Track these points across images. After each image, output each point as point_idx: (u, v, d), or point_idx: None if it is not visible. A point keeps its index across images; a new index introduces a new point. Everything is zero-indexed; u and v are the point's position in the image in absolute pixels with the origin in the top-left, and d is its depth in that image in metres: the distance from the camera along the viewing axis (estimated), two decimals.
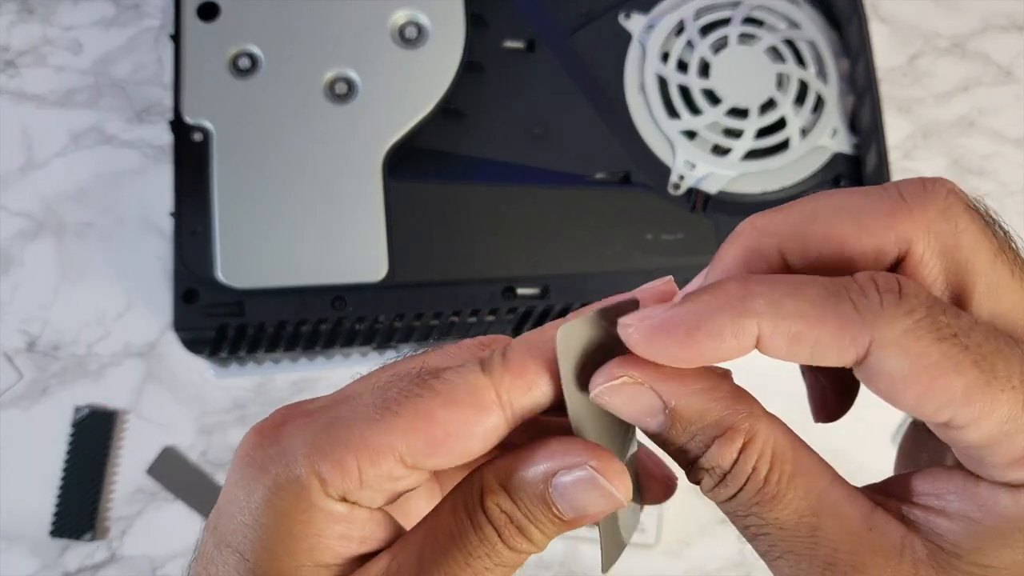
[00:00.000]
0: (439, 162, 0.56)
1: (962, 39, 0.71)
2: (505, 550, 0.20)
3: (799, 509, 0.19)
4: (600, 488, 0.20)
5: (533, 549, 0.21)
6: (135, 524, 0.59)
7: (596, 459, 0.20)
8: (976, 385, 0.17)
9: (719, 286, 0.19)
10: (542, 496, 0.20)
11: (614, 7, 0.60)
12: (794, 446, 0.20)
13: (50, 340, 0.61)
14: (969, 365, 0.17)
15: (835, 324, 0.18)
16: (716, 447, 0.19)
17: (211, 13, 0.55)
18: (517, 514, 0.20)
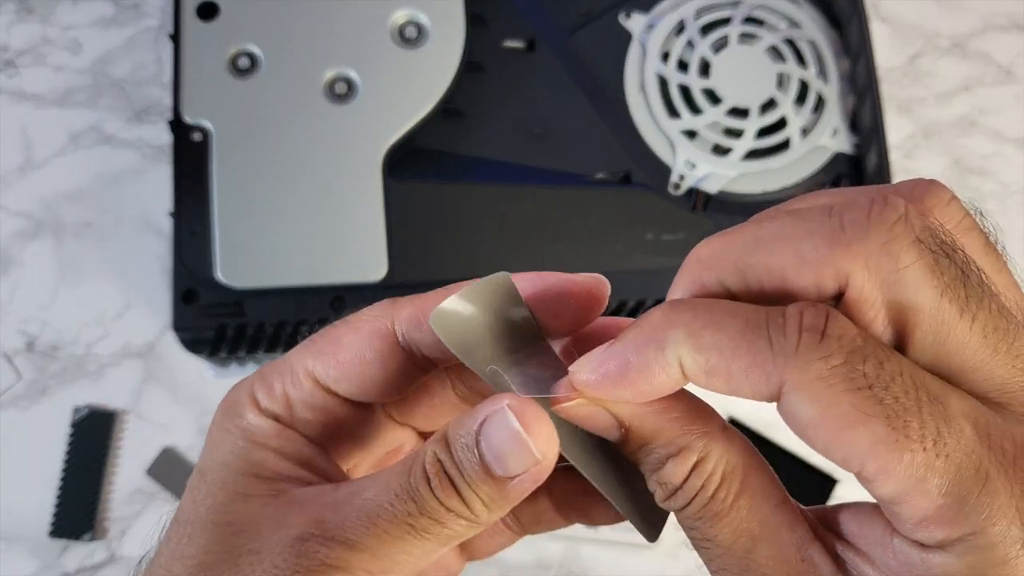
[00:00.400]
0: (439, 162, 0.56)
1: (963, 39, 0.71)
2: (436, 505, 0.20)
3: (739, 529, 0.20)
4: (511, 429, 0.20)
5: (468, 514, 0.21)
6: (134, 525, 0.59)
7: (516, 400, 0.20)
8: (884, 441, 0.17)
9: (645, 319, 0.19)
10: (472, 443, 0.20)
11: (614, 7, 0.60)
12: (747, 467, 0.20)
13: (49, 340, 0.61)
14: (880, 420, 0.17)
15: (748, 360, 0.18)
16: (670, 464, 0.20)
17: (210, 13, 0.55)
18: (450, 464, 0.20)
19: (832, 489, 0.61)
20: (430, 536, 0.21)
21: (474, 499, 0.21)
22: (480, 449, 0.20)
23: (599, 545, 0.60)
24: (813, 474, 0.61)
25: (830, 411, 0.17)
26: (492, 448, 0.20)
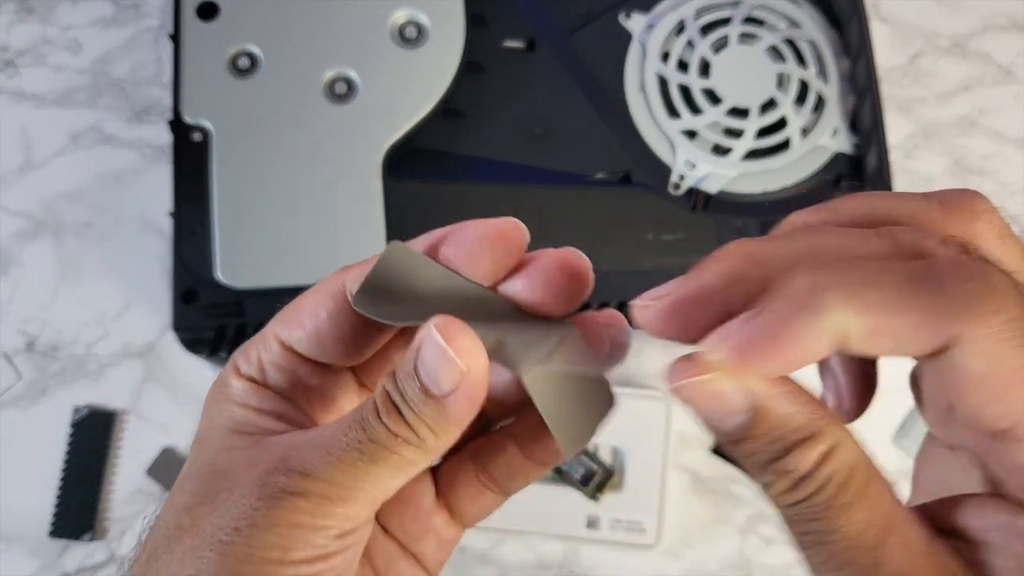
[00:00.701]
0: (439, 162, 0.56)
1: (963, 39, 0.71)
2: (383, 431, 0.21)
3: (868, 521, 0.19)
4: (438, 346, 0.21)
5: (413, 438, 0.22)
6: (135, 524, 0.59)
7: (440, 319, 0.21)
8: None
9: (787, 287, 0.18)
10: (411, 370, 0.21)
11: (614, 7, 0.60)
12: (868, 461, 0.19)
13: (49, 340, 0.61)
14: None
15: (918, 317, 0.17)
16: (798, 451, 0.19)
17: (210, 13, 0.55)
18: (394, 390, 0.22)
19: None
20: (381, 462, 0.22)
21: (418, 423, 0.21)
22: (418, 373, 0.21)
23: (599, 545, 0.60)
24: None
25: (1000, 367, 0.17)
26: (427, 370, 0.21)
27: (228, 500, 0.22)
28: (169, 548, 0.22)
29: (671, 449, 0.61)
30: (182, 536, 0.22)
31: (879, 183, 0.57)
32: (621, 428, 0.59)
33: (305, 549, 0.21)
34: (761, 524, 0.61)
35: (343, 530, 0.22)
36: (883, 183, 0.57)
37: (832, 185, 0.58)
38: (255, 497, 0.21)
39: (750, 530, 0.61)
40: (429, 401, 0.21)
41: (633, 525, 0.59)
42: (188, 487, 0.23)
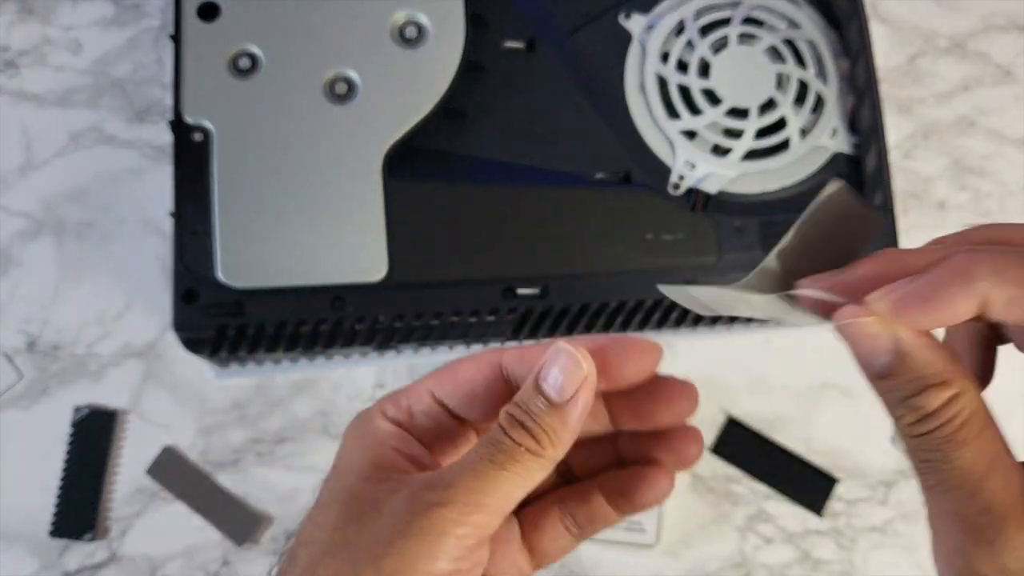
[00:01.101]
0: (439, 162, 0.56)
1: (962, 39, 0.71)
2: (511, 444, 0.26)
3: (978, 457, 0.23)
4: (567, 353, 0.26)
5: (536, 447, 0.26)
6: (135, 524, 0.59)
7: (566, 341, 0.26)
8: None
9: (949, 260, 0.23)
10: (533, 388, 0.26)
11: (614, 7, 0.60)
12: (987, 412, 0.23)
13: (50, 340, 0.61)
14: None
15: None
16: (929, 392, 0.23)
17: (211, 13, 0.55)
18: (518, 411, 0.26)
19: (832, 488, 0.61)
20: (508, 470, 0.26)
21: (540, 432, 0.26)
22: (541, 387, 0.26)
23: (599, 545, 0.60)
24: (813, 474, 0.61)
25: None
26: (552, 380, 0.26)
27: (377, 520, 0.25)
28: (323, 562, 0.26)
29: None
30: (336, 552, 0.25)
31: (878, 183, 0.57)
32: None
33: (447, 558, 0.25)
34: (760, 523, 0.61)
35: (477, 540, 0.26)
36: (882, 183, 0.57)
37: None
38: (404, 513, 0.25)
39: (749, 529, 0.61)
40: (551, 410, 0.26)
41: (633, 524, 0.59)
42: (333, 510, 0.27)
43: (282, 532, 0.59)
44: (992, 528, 0.22)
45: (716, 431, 0.62)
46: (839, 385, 0.63)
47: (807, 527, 0.61)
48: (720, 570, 0.61)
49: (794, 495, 0.61)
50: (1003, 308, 0.22)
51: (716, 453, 0.62)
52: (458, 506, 0.25)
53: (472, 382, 0.29)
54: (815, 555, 0.61)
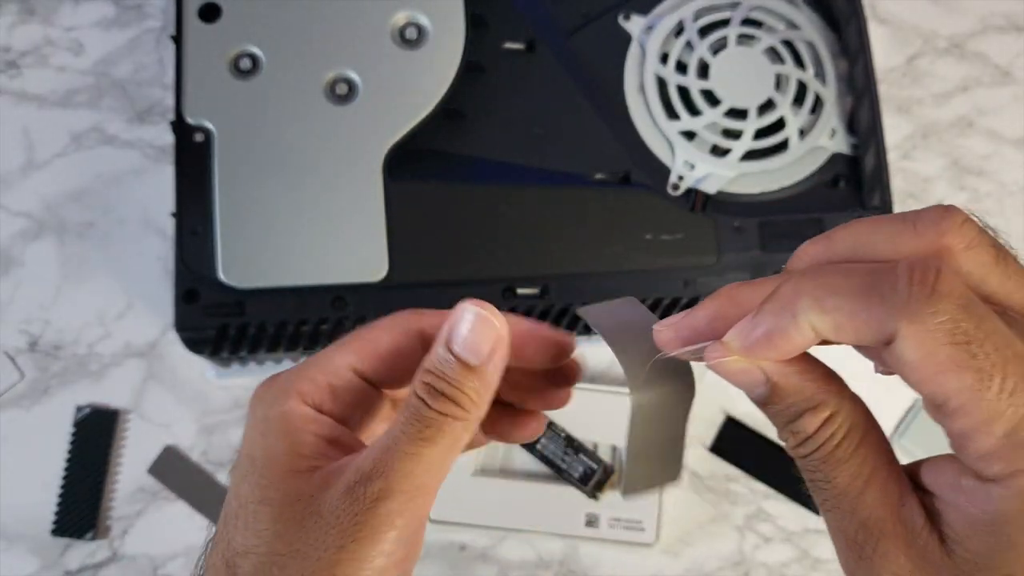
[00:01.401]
0: (439, 162, 0.56)
1: (961, 39, 0.71)
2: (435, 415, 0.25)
3: (855, 474, 0.23)
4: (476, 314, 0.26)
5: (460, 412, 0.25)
6: (136, 523, 0.59)
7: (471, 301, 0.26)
8: (969, 388, 0.20)
9: (778, 291, 0.23)
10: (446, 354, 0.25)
11: (613, 8, 0.60)
12: (866, 426, 0.24)
13: (51, 340, 0.62)
14: (970, 371, 0.20)
15: (867, 316, 0.21)
16: (806, 416, 0.24)
17: (212, 14, 0.55)
18: (434, 379, 0.25)
19: None
20: (436, 440, 0.25)
21: (461, 395, 0.25)
22: (454, 352, 0.25)
23: (599, 544, 0.60)
24: None
25: (931, 358, 0.21)
26: (465, 344, 0.25)
27: (319, 523, 0.25)
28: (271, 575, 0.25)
29: None
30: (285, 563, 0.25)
31: (877, 183, 0.58)
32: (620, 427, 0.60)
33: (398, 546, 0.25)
34: (759, 523, 0.61)
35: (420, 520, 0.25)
36: (881, 183, 0.58)
37: (830, 186, 0.59)
38: (348, 514, 0.24)
39: (748, 528, 0.61)
40: (469, 373, 0.25)
41: (632, 524, 0.59)
42: (265, 513, 0.25)
43: None
44: (869, 544, 0.23)
45: (715, 431, 0.62)
46: None
47: (806, 526, 0.61)
48: (719, 569, 0.61)
49: (793, 494, 0.61)
50: (833, 335, 0.22)
51: (715, 452, 0.62)
52: (399, 496, 0.24)
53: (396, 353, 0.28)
54: (814, 554, 0.61)
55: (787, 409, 0.24)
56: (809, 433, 0.24)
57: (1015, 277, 0.23)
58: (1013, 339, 0.21)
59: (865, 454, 0.23)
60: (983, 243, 0.23)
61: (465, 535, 0.60)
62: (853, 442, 0.23)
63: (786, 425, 0.24)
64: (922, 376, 0.21)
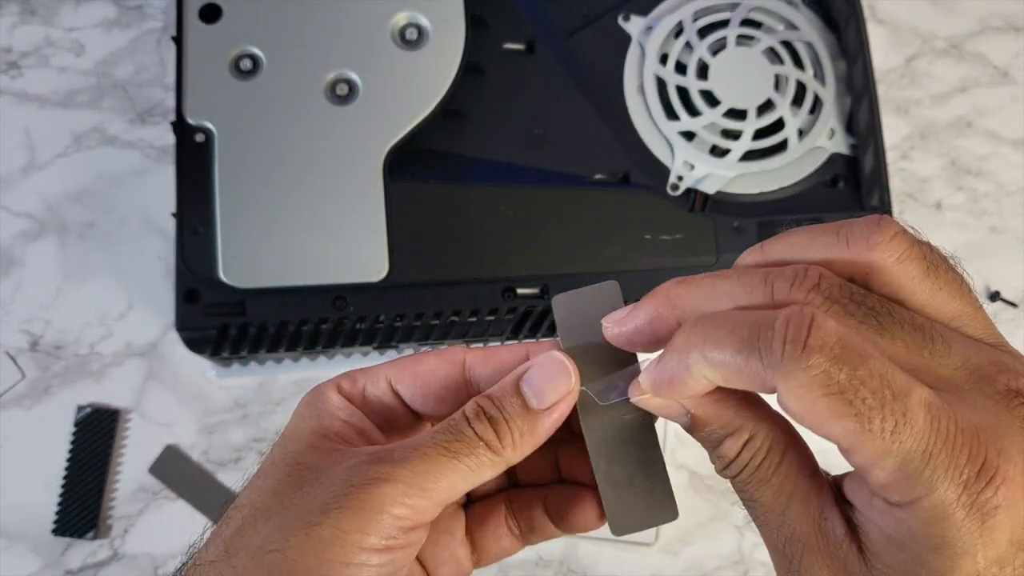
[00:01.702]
0: (439, 162, 0.57)
1: (959, 40, 0.71)
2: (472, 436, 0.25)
3: (778, 492, 0.24)
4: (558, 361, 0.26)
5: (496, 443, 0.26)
6: (137, 523, 0.59)
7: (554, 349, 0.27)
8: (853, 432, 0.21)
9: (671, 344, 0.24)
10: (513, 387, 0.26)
11: (613, 9, 0.60)
12: (787, 444, 0.25)
13: (52, 340, 0.62)
14: (850, 418, 0.21)
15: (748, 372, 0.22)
16: (727, 442, 0.25)
17: (213, 15, 0.55)
18: (489, 405, 0.26)
19: None
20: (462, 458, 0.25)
21: (505, 430, 0.26)
22: (521, 388, 0.26)
23: (598, 543, 0.60)
24: None
25: (811, 409, 0.21)
26: (533, 385, 0.26)
27: (316, 487, 0.25)
28: (255, 525, 0.25)
29: (668, 447, 0.61)
30: (270, 516, 0.25)
31: (876, 184, 0.58)
32: None
33: (380, 535, 0.24)
34: None
35: (414, 523, 0.25)
36: (880, 184, 0.58)
37: (829, 186, 0.59)
38: (343, 483, 0.24)
39: (747, 527, 0.61)
40: (524, 414, 0.26)
41: None
42: (273, 474, 0.26)
43: None
44: (795, 557, 0.24)
45: None
46: None
47: None
48: (718, 568, 0.61)
49: None
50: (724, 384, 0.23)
51: None
52: (400, 486, 0.24)
53: (431, 376, 0.29)
54: None
55: (709, 436, 0.25)
56: (731, 457, 0.25)
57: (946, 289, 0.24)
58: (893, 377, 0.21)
59: (786, 472, 0.24)
60: (913, 257, 0.24)
61: None
62: (773, 462, 0.24)
63: (712, 450, 0.26)
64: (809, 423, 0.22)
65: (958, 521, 0.21)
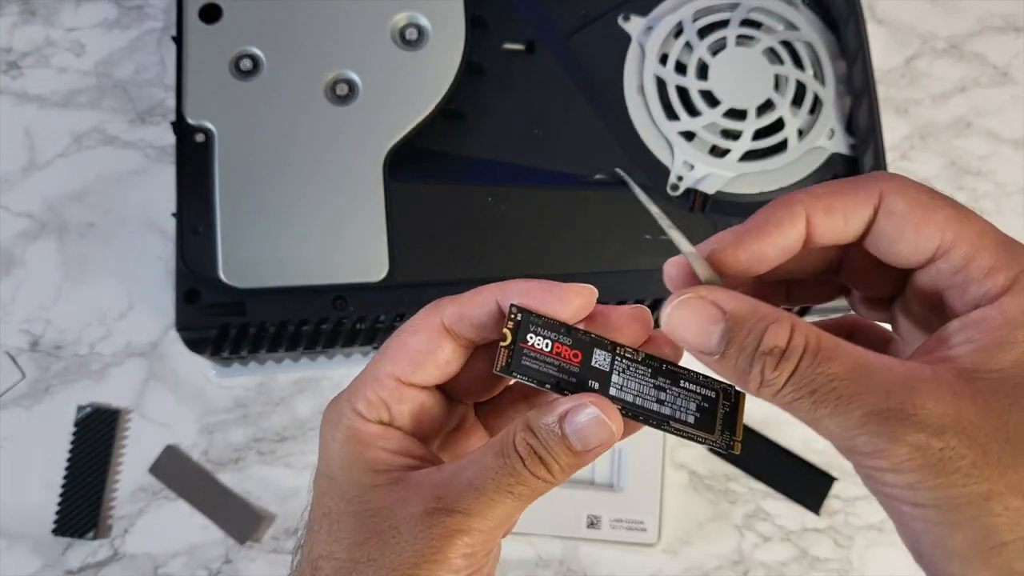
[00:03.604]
0: (439, 162, 0.57)
1: (959, 40, 0.71)
2: (528, 475, 0.27)
3: (853, 357, 0.23)
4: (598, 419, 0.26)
5: (550, 478, 0.27)
6: (137, 523, 0.59)
7: (595, 399, 0.27)
8: (955, 219, 0.24)
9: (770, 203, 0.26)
10: (557, 430, 0.27)
11: (613, 9, 0.60)
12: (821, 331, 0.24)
13: (53, 340, 0.62)
14: (949, 207, 0.24)
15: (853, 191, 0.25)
16: (771, 332, 0.24)
17: (213, 15, 0.55)
18: (538, 445, 0.27)
19: (830, 487, 0.61)
20: (522, 496, 0.27)
21: (555, 466, 0.27)
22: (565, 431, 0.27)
23: (598, 544, 0.60)
24: (811, 473, 0.62)
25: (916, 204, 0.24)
26: (577, 432, 0.27)
27: (398, 538, 0.27)
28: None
29: (669, 447, 0.61)
30: (363, 569, 0.27)
31: None
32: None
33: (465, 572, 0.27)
34: (758, 522, 0.62)
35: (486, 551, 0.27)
36: None
37: None
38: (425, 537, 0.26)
39: (747, 528, 0.61)
40: (568, 453, 0.27)
41: (634, 524, 0.59)
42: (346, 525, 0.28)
43: (283, 530, 0.60)
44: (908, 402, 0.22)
45: None
46: None
47: (805, 525, 0.62)
48: (718, 568, 0.61)
49: (792, 493, 0.62)
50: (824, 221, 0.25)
51: (714, 452, 0.62)
52: (476, 534, 0.26)
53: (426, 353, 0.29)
54: (813, 553, 0.61)
55: (751, 333, 0.24)
56: (784, 344, 0.24)
57: None
58: None
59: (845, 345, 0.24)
60: None
61: None
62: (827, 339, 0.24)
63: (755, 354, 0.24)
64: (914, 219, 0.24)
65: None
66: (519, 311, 0.28)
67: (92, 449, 0.59)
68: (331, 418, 0.29)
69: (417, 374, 0.29)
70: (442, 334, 0.29)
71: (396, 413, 0.29)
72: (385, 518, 0.27)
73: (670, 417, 0.28)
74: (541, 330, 0.28)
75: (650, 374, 0.29)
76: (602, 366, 0.28)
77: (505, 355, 0.28)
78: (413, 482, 0.27)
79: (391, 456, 0.28)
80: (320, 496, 0.29)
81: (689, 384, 0.29)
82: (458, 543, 0.26)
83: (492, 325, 0.29)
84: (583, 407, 0.27)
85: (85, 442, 0.59)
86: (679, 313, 0.26)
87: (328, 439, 0.29)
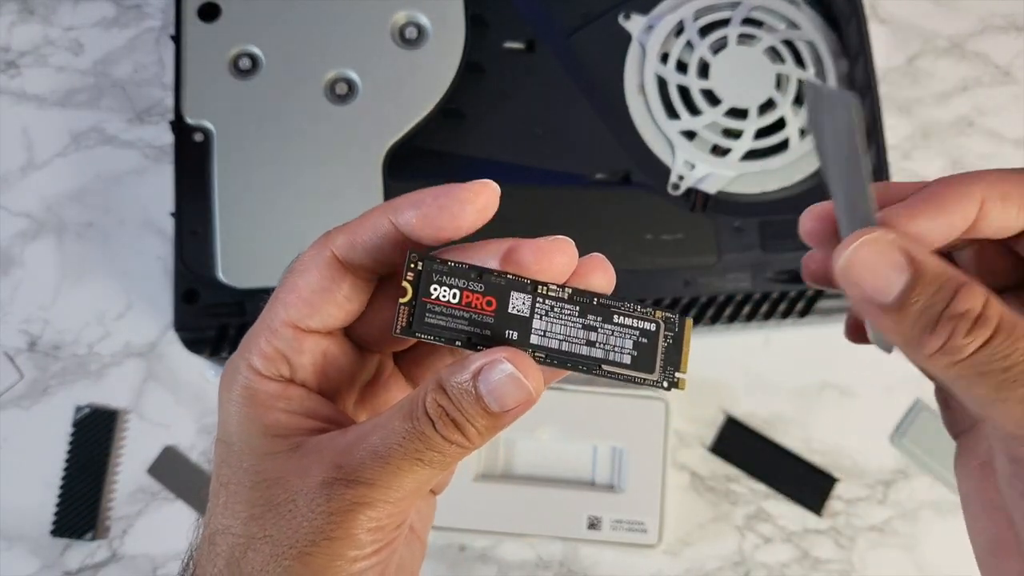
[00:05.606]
0: (439, 162, 0.56)
1: (961, 39, 0.71)
2: (440, 441, 0.24)
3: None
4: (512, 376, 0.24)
5: (466, 443, 0.24)
6: (136, 523, 0.59)
7: (510, 353, 0.24)
8: None
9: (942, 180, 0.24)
10: (471, 389, 0.24)
11: (613, 8, 0.60)
12: None
13: (51, 340, 0.61)
14: None
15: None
16: (964, 293, 0.21)
17: (212, 14, 0.55)
18: (451, 406, 0.24)
19: (831, 488, 0.61)
20: (434, 464, 0.24)
21: (471, 429, 0.24)
22: (479, 392, 0.24)
23: (599, 545, 0.60)
24: (812, 473, 0.61)
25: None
26: (491, 390, 0.24)
27: (295, 512, 0.24)
28: (248, 557, 0.25)
29: (669, 447, 0.61)
30: (259, 545, 0.24)
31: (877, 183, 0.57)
32: (621, 428, 0.60)
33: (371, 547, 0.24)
34: (759, 523, 0.61)
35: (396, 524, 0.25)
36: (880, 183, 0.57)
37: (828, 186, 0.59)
38: (323, 510, 0.24)
39: (748, 529, 0.61)
40: (485, 414, 0.24)
41: (635, 525, 0.59)
42: (243, 496, 0.25)
43: None
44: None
45: (715, 431, 0.62)
46: (838, 385, 0.63)
47: (806, 526, 0.61)
48: (719, 569, 0.61)
49: (793, 495, 0.61)
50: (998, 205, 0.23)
51: (715, 452, 0.62)
52: (381, 506, 0.24)
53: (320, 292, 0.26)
54: (814, 554, 0.61)
55: (939, 292, 0.21)
56: (979, 309, 0.21)
57: None
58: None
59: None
60: None
61: (465, 536, 0.60)
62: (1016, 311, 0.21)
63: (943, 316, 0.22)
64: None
65: None
66: (419, 258, 0.24)
67: (90, 450, 0.59)
68: (227, 377, 0.26)
69: (315, 318, 0.26)
70: (336, 268, 0.26)
71: (297, 366, 0.26)
72: (283, 489, 0.24)
73: (602, 360, 0.25)
74: (447, 278, 0.25)
75: (578, 313, 0.25)
76: (521, 311, 0.25)
77: (406, 313, 0.24)
78: (314, 448, 0.25)
79: (292, 418, 0.25)
80: (218, 465, 0.26)
81: (624, 319, 0.25)
82: (361, 517, 0.24)
83: (390, 249, 0.25)
84: (497, 363, 0.24)
85: (83, 443, 0.59)
86: (863, 253, 0.22)
87: (224, 401, 0.26)
